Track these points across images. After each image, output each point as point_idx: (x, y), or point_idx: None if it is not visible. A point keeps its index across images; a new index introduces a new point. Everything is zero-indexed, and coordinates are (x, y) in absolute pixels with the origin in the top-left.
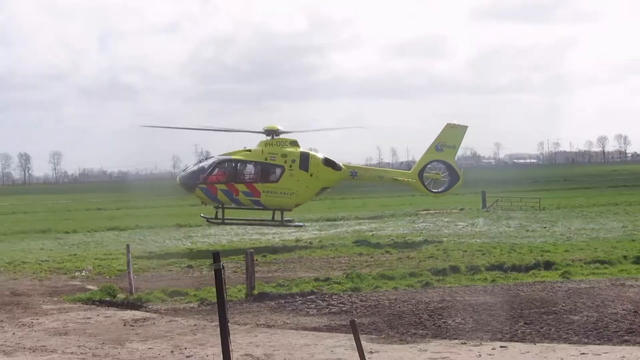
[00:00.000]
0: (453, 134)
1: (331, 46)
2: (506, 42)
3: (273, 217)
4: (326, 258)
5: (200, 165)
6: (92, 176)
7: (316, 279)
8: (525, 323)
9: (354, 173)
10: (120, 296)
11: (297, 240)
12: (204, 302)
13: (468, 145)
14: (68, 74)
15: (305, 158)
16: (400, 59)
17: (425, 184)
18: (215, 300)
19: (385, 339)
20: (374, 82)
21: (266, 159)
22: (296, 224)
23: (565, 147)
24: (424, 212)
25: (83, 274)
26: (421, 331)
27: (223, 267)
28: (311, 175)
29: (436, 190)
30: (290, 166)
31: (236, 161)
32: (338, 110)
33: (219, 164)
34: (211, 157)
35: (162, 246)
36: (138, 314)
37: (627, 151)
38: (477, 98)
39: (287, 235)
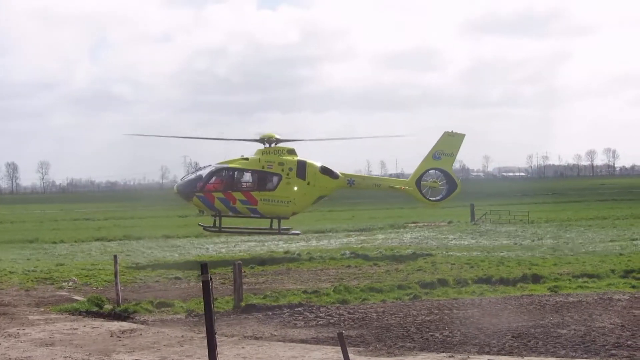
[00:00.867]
0: (451, 142)
1: (323, 58)
2: (498, 55)
3: (271, 225)
4: (314, 270)
5: (198, 173)
6: (80, 186)
7: (304, 291)
8: (513, 337)
9: (351, 181)
10: (108, 307)
11: (286, 252)
12: (191, 313)
13: (457, 158)
14: (58, 83)
15: (302, 166)
16: (392, 71)
17: (423, 192)
18: (202, 311)
19: (373, 351)
20: (365, 94)
21: (263, 167)
22: (293, 232)
23: (554, 160)
24: (413, 224)
25: (70, 284)
26: (409, 344)
27: (211, 279)
28: (308, 184)
29: (434, 199)
30: (288, 174)
31: (233, 169)
32: (329, 122)
33: (217, 172)
34: (208, 166)
35: (149, 257)
36: (125, 325)
37: (615, 165)
38: (469, 111)
39: (275, 246)
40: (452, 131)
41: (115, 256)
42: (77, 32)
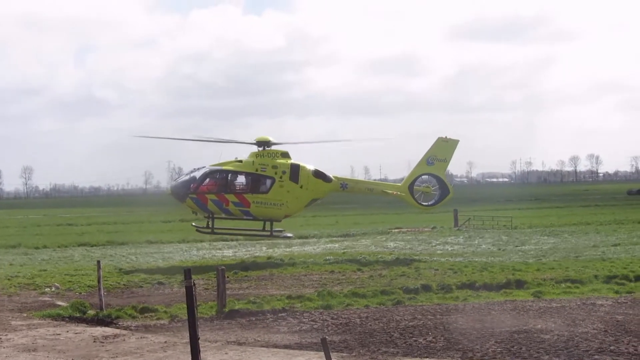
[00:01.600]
0: (444, 147)
1: (307, 63)
2: (482, 61)
3: (263, 227)
4: (298, 275)
5: (192, 175)
6: (63, 191)
7: (288, 297)
8: (496, 342)
9: (344, 185)
10: (91, 312)
11: (269, 258)
12: (174, 318)
13: None
14: (42, 88)
15: (295, 169)
16: (376, 76)
17: (415, 197)
18: (186, 317)
19: (357, 357)
20: (349, 100)
21: (257, 170)
22: (285, 234)
23: (537, 166)
24: (396, 230)
25: (53, 290)
26: (392, 349)
27: (194, 284)
28: (301, 187)
29: (426, 204)
30: (281, 177)
31: (227, 172)
32: (313, 128)
33: (210, 174)
34: (202, 167)
35: (133, 262)
36: (108, 330)
37: (598, 171)
38: (453, 117)
39: (258, 252)
40: (445, 137)
41: (98, 261)
42: (62, 38)
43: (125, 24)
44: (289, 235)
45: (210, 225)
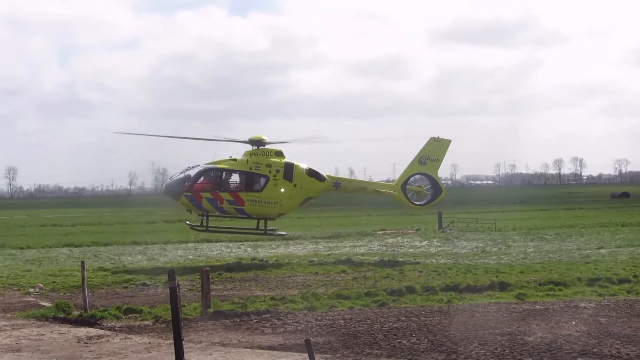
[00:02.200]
0: (437, 147)
1: (292, 65)
2: (466, 64)
3: (257, 225)
4: (282, 277)
5: (186, 173)
6: (47, 192)
7: (272, 298)
8: (480, 344)
9: (337, 184)
10: (75, 313)
11: (253, 259)
12: (158, 319)
13: None
14: (25, 89)
15: (289, 168)
16: (361, 79)
17: (408, 196)
18: (170, 318)
19: (340, 358)
20: (334, 102)
21: (251, 169)
22: (279, 233)
23: (521, 169)
24: (381, 232)
25: (37, 290)
26: (376, 351)
27: (178, 285)
28: (295, 186)
29: (419, 203)
30: (275, 176)
31: (221, 170)
32: (298, 130)
33: (205, 172)
34: (197, 166)
35: (117, 263)
36: (92, 331)
37: (582, 174)
38: (437, 119)
39: (242, 253)
40: (438, 137)
41: (82, 262)
42: (46, 38)
43: (110, 24)
44: (283, 233)
45: (204, 224)
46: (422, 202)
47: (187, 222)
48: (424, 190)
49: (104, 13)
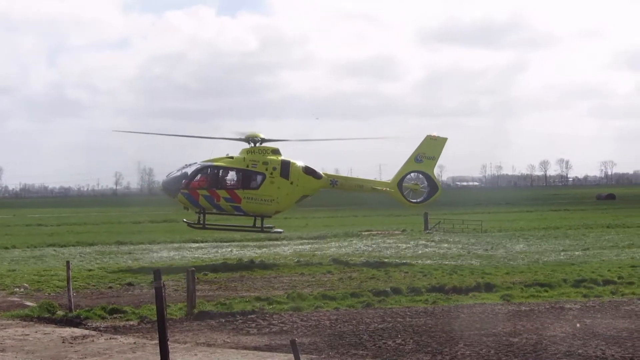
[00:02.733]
0: (433, 145)
1: (281, 65)
2: (455, 65)
3: (254, 223)
4: (267, 277)
5: (183, 171)
6: (33, 192)
7: (257, 298)
8: (465, 345)
9: (334, 182)
10: (60, 313)
11: (239, 259)
12: (144, 320)
13: None
14: (13, 88)
15: (286, 166)
16: (350, 79)
17: (404, 194)
18: (155, 318)
19: (326, 359)
20: (323, 102)
21: (248, 166)
22: (276, 230)
23: (507, 170)
24: (367, 232)
25: (21, 290)
26: (361, 352)
27: (164, 285)
28: (291, 183)
29: (415, 201)
30: (271, 174)
31: (218, 167)
32: (287, 130)
33: (201, 170)
34: (194, 163)
35: (102, 263)
36: (77, 331)
37: (568, 175)
38: (425, 120)
39: (228, 254)
40: (434, 135)
41: (67, 262)
42: (35, 37)
43: (100, 24)
44: (280, 230)
45: (201, 221)
46: (418, 200)
47: (184, 220)
48: (420, 188)
49: (94, 12)
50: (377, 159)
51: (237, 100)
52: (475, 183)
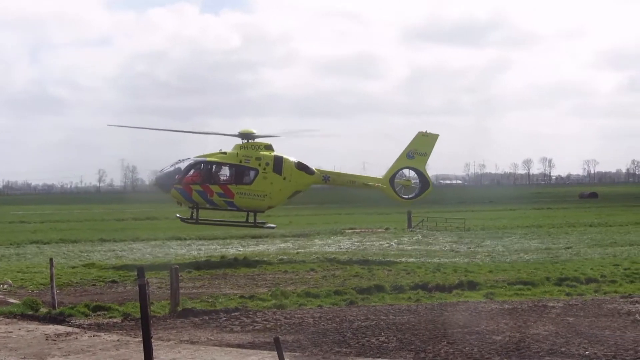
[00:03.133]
0: (424, 142)
1: (264, 63)
2: (438, 64)
3: (247, 218)
4: (251, 275)
5: (177, 166)
6: (16, 189)
7: (241, 296)
8: (449, 343)
9: (326, 177)
10: (43, 310)
11: (222, 257)
12: (127, 317)
13: None
14: None
15: (278, 161)
16: (333, 77)
17: (396, 190)
18: (139, 315)
19: (309, 356)
20: (305, 101)
21: (241, 162)
22: (269, 225)
23: (491, 168)
24: (350, 230)
25: (5, 287)
26: (345, 349)
27: (147, 283)
28: (284, 179)
29: (406, 197)
30: (264, 169)
31: (211, 163)
32: (269, 128)
33: (195, 165)
34: (187, 159)
35: (86, 260)
36: (61, 328)
37: (551, 174)
38: (408, 119)
39: (212, 251)
40: (425, 131)
41: (51, 259)
42: (16, 34)
43: (82, 21)
44: (272, 226)
45: (194, 216)
46: (410, 196)
47: (177, 215)
48: (412, 184)
49: (76, 10)
50: (362, 156)
51: (220, 98)
52: (459, 181)
